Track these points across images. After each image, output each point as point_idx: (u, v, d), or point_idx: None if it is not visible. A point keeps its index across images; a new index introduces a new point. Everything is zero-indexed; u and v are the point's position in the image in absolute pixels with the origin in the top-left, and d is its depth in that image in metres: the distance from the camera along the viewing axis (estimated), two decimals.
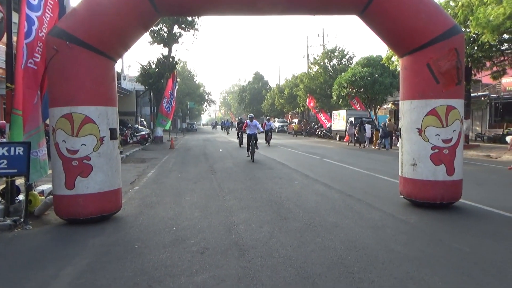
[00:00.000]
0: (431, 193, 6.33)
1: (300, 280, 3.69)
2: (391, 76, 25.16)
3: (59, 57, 5.67)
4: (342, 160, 14.64)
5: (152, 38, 26.45)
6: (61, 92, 5.72)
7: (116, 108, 6.28)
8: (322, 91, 34.86)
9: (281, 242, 4.81)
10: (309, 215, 6.14)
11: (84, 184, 5.75)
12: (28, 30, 5.85)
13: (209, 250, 4.57)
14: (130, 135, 23.03)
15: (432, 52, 6.17)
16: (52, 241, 5.18)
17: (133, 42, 6.58)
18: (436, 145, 6.26)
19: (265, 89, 62.28)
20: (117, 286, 3.63)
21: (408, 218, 5.95)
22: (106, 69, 6.12)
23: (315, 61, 37.25)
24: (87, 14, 5.78)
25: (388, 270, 3.92)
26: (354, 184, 9.05)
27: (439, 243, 4.79)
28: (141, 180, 10.12)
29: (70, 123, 5.66)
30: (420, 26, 6.14)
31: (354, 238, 4.97)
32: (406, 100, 6.64)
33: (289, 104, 46.56)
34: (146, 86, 27.13)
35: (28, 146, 5.73)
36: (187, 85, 54.08)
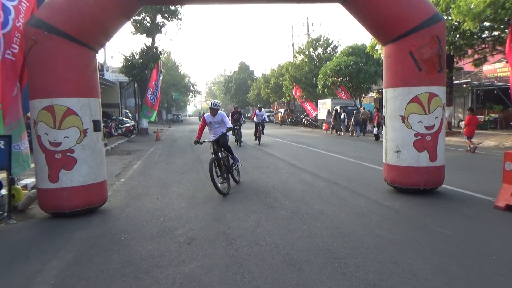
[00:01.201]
0: (414, 179, 6.45)
1: (287, 267, 3.74)
2: (376, 65, 25.34)
3: (38, 48, 5.53)
4: (328, 149, 14.76)
5: (135, 28, 26.03)
6: (41, 84, 5.60)
7: (99, 100, 6.19)
8: (308, 80, 34.94)
9: (268, 230, 4.86)
10: (296, 204, 6.19)
11: (68, 177, 5.68)
12: (5, 20, 5.69)
13: (196, 240, 4.58)
14: (114, 127, 22.75)
15: (414, 40, 6.23)
16: (36, 235, 5.12)
17: (114, 32, 6.46)
18: (419, 132, 6.36)
19: (250, 79, 62.09)
20: (104, 278, 3.62)
21: (392, 204, 6.06)
22: (87, 60, 6.00)
23: (300, 50, 37.26)
24: (65, 3, 5.64)
25: (372, 255, 4.00)
26: (340, 172, 9.15)
27: (422, 227, 4.90)
28: (127, 172, 10.03)
29: (52, 115, 5.56)
30: (402, 14, 6.18)
31: (340, 224, 5.04)
32: (389, 88, 6.71)
33: (275, 93, 46.55)
34: (130, 77, 26.76)
35: (9, 140, 5.61)
36: (172, 76, 53.51)
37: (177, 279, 3.54)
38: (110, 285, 3.46)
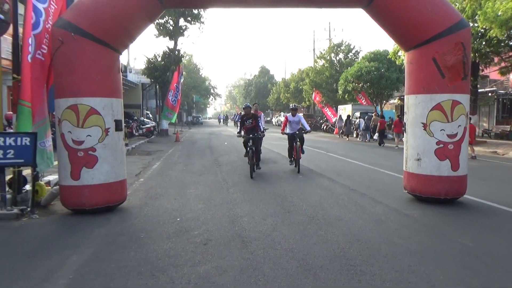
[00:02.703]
0: (435, 188, 6.32)
1: (302, 272, 3.72)
2: (398, 71, 24.95)
3: (65, 49, 5.70)
4: (347, 154, 14.61)
5: (158, 30, 26.46)
6: (66, 84, 5.76)
7: (121, 100, 6.32)
8: (328, 86, 34.71)
9: (284, 235, 4.84)
10: (313, 209, 6.16)
11: (90, 174, 5.81)
12: (36, 22, 5.88)
13: (212, 242, 4.61)
14: (136, 127, 23.13)
15: (438, 46, 6.12)
16: (58, 230, 5.25)
17: (138, 34, 6.60)
18: (441, 140, 6.23)
19: (270, 83, 62.09)
20: (121, 275, 3.68)
21: (412, 212, 5.95)
22: (111, 61, 6.15)
23: (321, 55, 37.07)
24: (92, 5, 5.80)
25: (390, 263, 3.93)
26: (358, 179, 9.05)
27: (442, 237, 4.79)
28: (146, 172, 10.18)
29: (76, 114, 5.71)
30: (426, 20, 6.09)
31: (357, 231, 4.98)
32: (411, 94, 6.61)
33: (295, 98, 46.41)
34: (152, 79, 27.19)
35: (35, 137, 5.78)
36: (193, 78, 54.08)
37: (192, 279, 3.57)
38: (126, 283, 3.52)
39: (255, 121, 9.95)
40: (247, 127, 9.90)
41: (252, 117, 10.00)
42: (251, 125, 9.84)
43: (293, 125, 10.40)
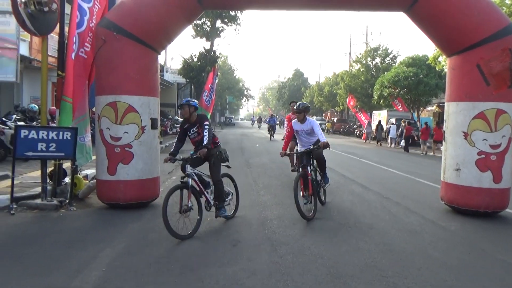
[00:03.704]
0: (475, 201, 6.03)
1: (331, 280, 3.64)
2: (437, 77, 24.10)
3: (107, 48, 5.90)
4: (380, 161, 14.26)
5: (195, 31, 26.93)
6: (107, 81, 5.96)
7: (157, 99, 6.46)
8: (363, 90, 34.01)
9: (314, 240, 4.77)
10: (344, 215, 6.03)
11: (125, 170, 5.96)
12: (80, 20, 6.12)
13: (241, 243, 4.60)
14: (170, 126, 23.64)
15: (483, 52, 5.85)
16: (93, 223, 5.43)
17: (176, 35, 6.73)
18: (483, 151, 5.94)
19: (304, 86, 61.71)
20: (151, 271, 3.74)
21: (449, 224, 5.70)
22: (150, 60, 6.30)
23: (357, 59, 36.41)
24: (134, 6, 5.97)
25: (424, 276, 3.78)
26: (392, 187, 8.80)
27: (481, 252, 4.56)
28: (179, 170, 10.33)
29: (115, 111, 5.89)
30: (471, 25, 5.83)
31: (390, 241, 4.83)
32: (452, 101, 6.35)
33: (328, 102, 45.87)
34: (187, 79, 27.69)
35: (75, 131, 6.01)
36: (227, 79, 54.66)
37: (220, 280, 3.57)
38: (156, 279, 3.58)
39: None
40: None
41: None
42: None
43: (303, 138, 6.49)
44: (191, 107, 5.29)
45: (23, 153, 5.75)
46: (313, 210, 5.73)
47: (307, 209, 5.69)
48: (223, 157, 5.52)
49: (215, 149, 5.41)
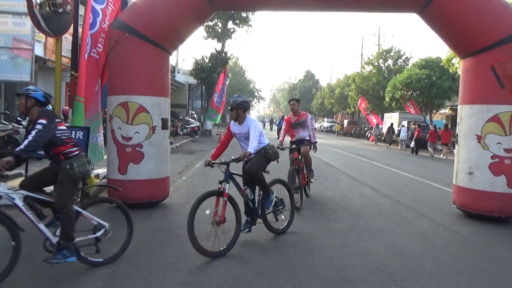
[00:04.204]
0: (488, 205, 5.93)
1: (339, 283, 3.61)
2: (451, 80, 23.78)
3: (119, 48, 5.96)
4: (391, 164, 14.12)
5: (207, 33, 27.04)
6: (119, 81, 6.02)
7: (168, 99, 6.50)
8: (375, 92, 33.75)
9: (323, 242, 4.74)
10: (354, 218, 5.99)
11: (136, 170, 6.01)
12: (93, 22, 6.20)
13: (249, 244, 4.60)
14: (180, 126, 23.77)
15: (498, 54, 5.75)
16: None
17: (188, 36, 6.77)
18: (497, 154, 5.84)
19: (315, 88, 61.50)
20: (160, 270, 3.77)
21: (461, 229, 5.62)
22: (162, 61, 6.35)
23: (369, 61, 36.15)
24: (146, 7, 6.02)
25: (434, 281, 3.73)
26: (403, 190, 8.70)
27: (493, 258, 4.48)
28: (189, 171, 10.40)
29: (126, 111, 5.94)
30: (485, 26, 5.74)
31: (400, 244, 4.77)
32: (465, 104, 6.26)
33: (339, 104, 45.63)
34: (199, 80, 27.81)
35: (88, 131, 6.08)
36: (238, 80, 54.80)
37: (228, 280, 3.58)
38: (164, 277, 3.60)
39: None
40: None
41: None
42: None
43: (242, 144, 5.21)
44: (29, 99, 3.68)
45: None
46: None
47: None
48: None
49: (66, 162, 3.69)
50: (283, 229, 5.06)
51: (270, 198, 4.83)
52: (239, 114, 4.75)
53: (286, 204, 5.16)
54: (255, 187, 4.82)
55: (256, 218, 4.74)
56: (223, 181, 4.48)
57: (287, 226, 5.13)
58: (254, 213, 4.72)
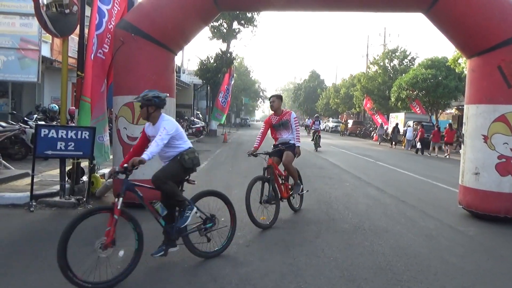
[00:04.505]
0: (494, 205, 5.88)
1: (344, 283, 3.61)
2: (457, 79, 23.63)
3: (125, 49, 5.99)
4: (397, 164, 14.06)
5: (212, 33, 27.11)
6: (124, 82, 6.05)
7: (173, 99, 6.53)
8: (380, 92, 33.63)
9: (328, 243, 4.74)
10: (359, 218, 5.97)
11: (141, 170, 5.97)
12: (99, 22, 6.24)
13: (254, 244, 4.61)
14: (186, 126, 23.84)
15: (505, 54, 5.71)
16: None
17: (193, 36, 6.79)
18: (504, 154, 5.80)
19: (320, 88, 61.41)
20: (165, 270, 3.79)
21: (467, 229, 5.58)
22: (167, 61, 6.38)
23: (374, 61, 36.03)
24: (151, 8, 6.05)
25: (440, 281, 3.71)
26: (408, 190, 8.67)
27: (500, 258, 4.45)
28: None
29: (131, 111, 5.98)
30: (492, 25, 5.70)
31: (405, 245, 4.76)
32: (471, 104, 6.22)
33: (345, 104, 45.52)
34: (204, 80, 27.88)
35: (93, 131, 6.12)
36: (243, 80, 54.83)
37: (233, 280, 3.58)
38: (170, 277, 3.61)
39: None
40: None
41: None
42: None
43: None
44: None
45: (43, 151, 5.88)
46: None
47: None
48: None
49: None
50: (213, 252, 4.15)
51: (184, 215, 4.02)
52: (149, 113, 3.98)
53: (223, 221, 4.47)
54: None
55: (174, 239, 4.00)
56: (117, 195, 3.87)
57: (221, 249, 4.23)
58: (169, 233, 4.00)
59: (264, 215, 5.41)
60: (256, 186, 5.34)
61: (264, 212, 5.43)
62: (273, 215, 5.47)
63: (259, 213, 5.35)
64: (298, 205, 6.32)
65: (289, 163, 5.80)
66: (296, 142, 5.93)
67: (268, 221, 5.36)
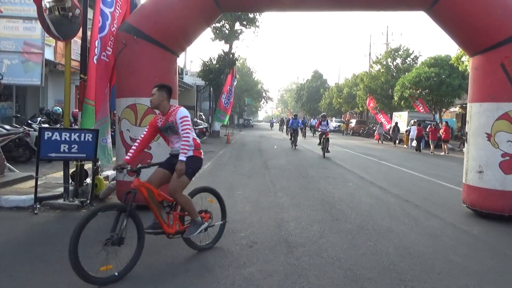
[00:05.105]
0: (498, 204, 5.86)
1: (348, 283, 3.60)
2: (460, 77, 23.54)
3: (127, 51, 6.01)
4: (400, 163, 14.02)
5: (214, 34, 27.15)
6: (127, 84, 6.07)
7: (176, 101, 6.53)
8: (383, 92, 33.54)
9: (331, 243, 4.73)
10: (362, 218, 5.96)
11: (144, 172, 6.03)
12: (102, 25, 6.26)
13: (257, 244, 4.61)
14: None
15: (508, 51, 5.68)
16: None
17: (195, 37, 6.80)
18: (508, 152, 5.77)
19: (323, 88, 61.32)
20: (169, 271, 3.79)
21: (471, 228, 5.56)
22: (169, 63, 6.39)
23: (377, 60, 35.95)
24: (153, 10, 6.07)
25: (444, 281, 3.70)
26: (412, 189, 8.64)
27: (505, 258, 4.42)
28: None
29: (134, 113, 6.00)
30: (495, 23, 5.68)
31: (409, 244, 4.74)
32: (475, 102, 6.19)
33: (348, 103, 45.43)
34: (207, 81, 27.92)
35: (97, 133, 6.14)
36: (246, 81, 54.80)
37: (237, 281, 3.59)
38: (173, 278, 3.62)
39: None
40: None
41: None
42: None
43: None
44: None
45: (46, 154, 5.91)
46: None
47: None
48: None
49: None
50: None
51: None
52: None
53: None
54: None
55: None
56: None
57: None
58: None
59: (110, 263, 3.54)
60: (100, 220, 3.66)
61: (109, 260, 3.54)
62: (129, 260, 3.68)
63: (102, 259, 3.55)
64: (210, 242, 4.44)
65: (176, 192, 3.96)
66: (181, 156, 3.90)
67: (116, 272, 3.53)
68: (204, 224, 4.21)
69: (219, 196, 4.70)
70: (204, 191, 4.62)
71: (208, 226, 4.34)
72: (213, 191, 4.70)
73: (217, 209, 4.63)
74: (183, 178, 3.99)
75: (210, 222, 4.41)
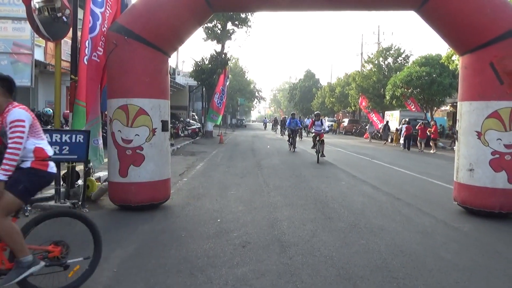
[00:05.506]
0: (488, 201, 5.92)
1: (341, 281, 3.62)
2: (451, 76, 23.73)
3: (118, 51, 5.98)
4: (392, 162, 14.11)
5: (206, 34, 27.09)
6: (118, 85, 6.04)
7: (168, 101, 6.52)
8: (375, 91, 33.73)
9: (324, 241, 4.75)
10: (354, 216, 5.99)
11: (137, 172, 6.03)
12: (93, 25, 6.21)
13: (251, 244, 4.61)
14: (181, 128, 23.81)
15: (497, 50, 5.75)
16: (105, 224, 5.46)
17: (187, 37, 6.79)
18: (497, 150, 5.84)
19: (316, 87, 61.46)
20: (162, 271, 3.78)
21: (462, 226, 5.62)
22: (161, 63, 6.37)
23: (369, 59, 36.13)
24: (144, 10, 6.04)
25: (435, 278, 3.73)
26: (404, 187, 8.70)
27: (495, 254, 4.48)
28: (190, 172, 10.42)
29: (126, 114, 5.96)
30: (484, 22, 5.74)
31: (401, 242, 4.78)
32: (464, 101, 6.26)
33: (340, 103, 45.61)
34: (199, 82, 27.85)
35: (88, 134, 6.09)
36: (238, 81, 54.75)
37: (230, 281, 3.59)
38: (166, 279, 3.61)
39: None
40: None
41: None
42: None
43: None
44: None
45: None
46: None
47: None
48: None
49: None
50: None
51: None
52: None
53: None
54: None
55: None
56: None
57: None
58: None
59: None
60: None
61: None
62: None
63: None
64: None
65: (7, 234, 2.94)
66: (2, 174, 2.89)
67: None
68: (34, 266, 3.00)
69: (89, 223, 3.40)
70: (65, 216, 3.42)
71: (48, 265, 3.13)
72: (80, 217, 3.44)
73: (90, 240, 3.44)
74: (7, 198, 2.92)
75: (61, 259, 3.21)
